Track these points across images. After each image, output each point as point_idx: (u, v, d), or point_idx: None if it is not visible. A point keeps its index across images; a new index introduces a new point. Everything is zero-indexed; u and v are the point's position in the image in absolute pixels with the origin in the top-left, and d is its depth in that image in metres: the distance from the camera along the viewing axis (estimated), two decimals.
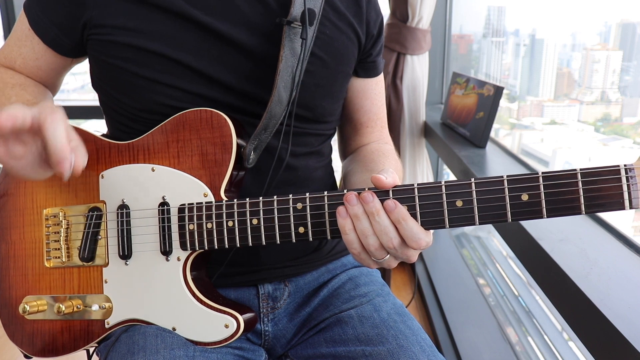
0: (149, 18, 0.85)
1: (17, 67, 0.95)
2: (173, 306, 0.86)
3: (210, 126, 0.85)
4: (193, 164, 0.85)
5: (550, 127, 2.30)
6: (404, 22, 2.26)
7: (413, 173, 2.43)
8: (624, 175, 0.63)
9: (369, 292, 0.99)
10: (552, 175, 0.66)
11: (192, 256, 0.85)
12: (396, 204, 0.70)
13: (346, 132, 1.10)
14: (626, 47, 1.86)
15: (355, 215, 0.71)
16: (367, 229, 0.71)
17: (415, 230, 0.70)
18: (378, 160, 0.98)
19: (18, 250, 0.96)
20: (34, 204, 0.95)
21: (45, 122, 0.67)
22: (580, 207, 0.65)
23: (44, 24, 0.89)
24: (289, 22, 0.84)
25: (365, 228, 0.71)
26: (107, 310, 0.90)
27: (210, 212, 0.82)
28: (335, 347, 0.90)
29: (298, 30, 0.85)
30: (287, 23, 0.84)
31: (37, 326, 0.95)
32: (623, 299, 0.82)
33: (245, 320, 0.85)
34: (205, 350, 0.85)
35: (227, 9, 0.86)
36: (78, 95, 3.68)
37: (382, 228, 0.70)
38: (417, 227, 0.70)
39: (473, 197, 0.69)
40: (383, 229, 0.70)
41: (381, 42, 1.03)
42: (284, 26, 0.85)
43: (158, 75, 0.85)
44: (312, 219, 0.76)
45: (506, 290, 2.07)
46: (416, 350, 0.85)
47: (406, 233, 0.70)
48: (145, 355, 0.80)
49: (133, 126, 0.91)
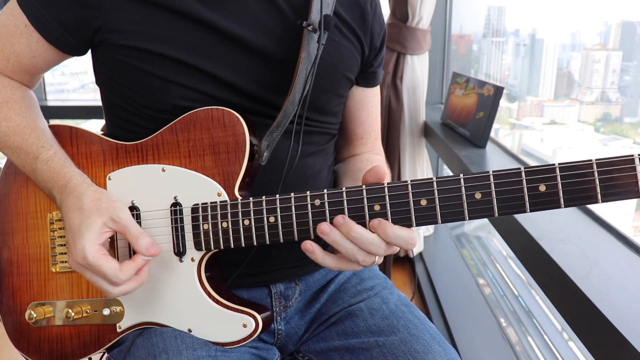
0: (166, 23, 0.85)
1: (10, 65, 0.93)
2: (188, 307, 0.85)
3: (222, 125, 0.85)
4: (205, 163, 0.85)
5: (550, 127, 2.30)
6: (404, 22, 2.26)
7: (413, 173, 2.43)
8: (638, 165, 0.65)
9: (375, 285, 1.01)
10: (569, 166, 0.67)
11: (206, 256, 0.85)
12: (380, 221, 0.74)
13: (339, 141, 1.12)
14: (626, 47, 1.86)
15: (334, 241, 0.75)
16: (352, 248, 0.75)
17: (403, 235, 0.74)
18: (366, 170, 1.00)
19: (21, 256, 0.95)
20: (37, 207, 0.94)
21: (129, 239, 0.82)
22: (597, 196, 0.66)
23: (47, 22, 0.87)
24: (309, 26, 0.86)
25: (349, 248, 0.75)
26: (119, 314, 0.89)
27: (226, 211, 0.82)
28: (348, 340, 0.92)
29: (313, 35, 0.87)
30: (308, 26, 0.86)
31: (44, 333, 0.93)
32: (623, 299, 0.82)
33: (264, 319, 0.85)
34: (225, 350, 0.85)
35: (243, 14, 0.87)
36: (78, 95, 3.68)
37: (364, 240, 0.74)
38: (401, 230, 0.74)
39: (492, 189, 0.70)
40: (365, 240, 0.74)
41: (383, 53, 1.06)
42: (305, 29, 0.86)
43: (173, 76, 0.86)
44: (331, 215, 0.76)
45: (506, 290, 2.07)
46: (427, 338, 0.88)
47: (398, 242, 0.74)
48: (169, 358, 0.80)
49: (140, 123, 0.91)
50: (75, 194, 0.82)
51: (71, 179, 0.85)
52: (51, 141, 0.90)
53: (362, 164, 1.05)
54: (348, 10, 0.96)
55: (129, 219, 0.82)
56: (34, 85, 1.01)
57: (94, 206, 0.81)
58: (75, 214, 0.80)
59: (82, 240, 0.78)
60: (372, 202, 0.75)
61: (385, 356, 0.86)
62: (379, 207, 0.74)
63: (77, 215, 0.80)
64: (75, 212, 0.81)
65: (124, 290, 0.80)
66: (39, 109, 0.97)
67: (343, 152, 1.13)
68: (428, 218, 0.73)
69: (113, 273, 0.78)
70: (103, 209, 0.81)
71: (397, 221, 0.74)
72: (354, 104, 1.07)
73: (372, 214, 0.75)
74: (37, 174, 0.87)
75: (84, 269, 0.79)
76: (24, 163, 0.89)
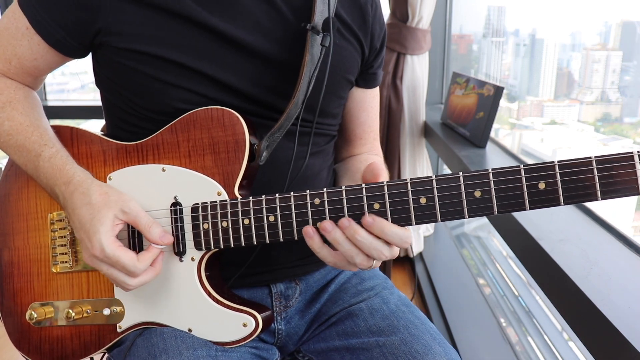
0: (166, 25, 0.85)
1: (12, 68, 0.93)
2: (188, 307, 0.86)
3: (221, 124, 0.85)
4: (205, 163, 0.85)
5: (550, 127, 2.30)
6: (404, 22, 2.26)
7: (413, 173, 2.43)
8: (637, 162, 0.65)
9: (375, 285, 1.01)
10: (568, 163, 0.67)
11: (206, 256, 0.85)
12: (374, 218, 0.73)
13: (338, 142, 1.12)
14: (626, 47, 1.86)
15: (335, 240, 0.75)
16: (352, 249, 0.75)
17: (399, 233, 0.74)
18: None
19: (22, 257, 0.95)
20: (38, 208, 0.94)
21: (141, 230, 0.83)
22: (596, 193, 0.66)
23: (48, 25, 0.87)
24: (313, 28, 0.86)
25: (349, 249, 0.75)
26: (119, 314, 0.89)
27: (226, 210, 0.82)
28: (348, 340, 0.92)
29: (317, 37, 0.87)
30: (312, 29, 0.86)
31: (45, 333, 0.93)
32: (623, 299, 0.82)
33: (264, 319, 0.85)
34: (225, 350, 0.85)
35: (243, 16, 0.87)
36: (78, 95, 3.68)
37: (367, 244, 0.74)
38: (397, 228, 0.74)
39: (491, 187, 0.70)
40: (369, 244, 0.74)
41: (383, 54, 1.06)
42: (309, 32, 0.86)
43: (173, 79, 0.86)
44: (331, 214, 0.76)
45: (506, 290, 2.07)
46: (427, 338, 0.88)
47: (394, 240, 0.74)
48: (169, 357, 0.80)
49: (141, 125, 0.91)
50: (80, 190, 0.82)
51: (74, 175, 0.85)
52: (53, 140, 0.90)
53: (361, 164, 1.05)
54: (348, 11, 0.96)
55: (139, 210, 0.82)
56: (37, 87, 1.01)
57: (103, 200, 0.81)
58: (85, 209, 0.81)
59: (97, 234, 0.78)
60: (371, 201, 0.75)
61: (385, 356, 0.86)
62: (379, 206, 0.74)
63: (87, 210, 0.80)
64: (85, 208, 0.81)
65: (141, 282, 0.81)
66: (42, 109, 0.97)
67: (342, 152, 1.13)
68: (428, 216, 0.73)
69: (132, 263, 0.78)
70: (112, 202, 0.81)
71: (397, 220, 0.74)
72: (353, 105, 1.08)
73: (372, 212, 0.75)
74: (40, 172, 0.88)
75: (101, 263, 0.80)
76: (26, 161, 0.89)
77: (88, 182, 0.84)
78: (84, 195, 0.82)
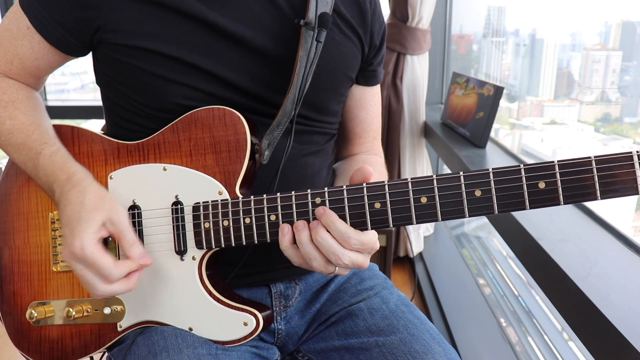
0: (165, 21, 0.85)
1: (14, 68, 0.93)
2: (189, 306, 0.86)
3: (223, 124, 0.85)
4: (206, 162, 0.85)
5: (550, 127, 2.30)
6: (404, 22, 2.26)
7: (413, 173, 2.43)
8: (636, 162, 0.65)
9: (375, 285, 1.01)
10: (568, 163, 0.68)
11: (207, 255, 0.85)
12: (325, 210, 0.75)
13: (338, 140, 1.12)
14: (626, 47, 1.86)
15: (299, 241, 0.76)
16: (311, 252, 0.76)
17: (344, 230, 0.74)
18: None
19: (22, 256, 0.95)
20: (39, 207, 0.94)
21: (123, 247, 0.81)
22: (595, 192, 0.67)
23: (48, 23, 0.88)
24: (307, 24, 0.86)
25: (308, 252, 0.76)
26: (119, 313, 0.89)
27: (227, 209, 0.82)
28: (348, 339, 0.92)
29: (311, 33, 0.87)
30: (305, 25, 0.86)
31: (45, 332, 0.93)
32: (623, 299, 0.82)
33: (264, 318, 0.85)
34: (225, 348, 0.85)
35: (241, 12, 0.88)
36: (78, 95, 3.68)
37: (327, 247, 0.75)
38: (343, 225, 0.75)
39: (491, 187, 0.70)
40: (329, 247, 0.75)
41: (383, 51, 1.05)
42: (302, 28, 0.87)
43: (173, 75, 0.86)
44: None
45: (506, 290, 2.07)
46: (427, 338, 0.88)
47: (339, 237, 0.74)
48: (169, 356, 0.80)
49: (141, 123, 0.91)
50: (78, 188, 0.82)
51: (75, 173, 0.85)
52: (54, 139, 0.90)
53: (357, 164, 1.05)
54: (348, 8, 0.96)
55: (127, 226, 0.81)
56: (39, 88, 1.01)
57: (96, 203, 0.81)
58: (76, 206, 0.80)
59: (81, 232, 0.78)
60: (372, 200, 0.75)
61: (385, 356, 0.86)
62: (380, 205, 0.74)
63: (78, 208, 0.80)
64: (76, 205, 0.80)
65: (111, 291, 0.79)
66: (44, 109, 0.97)
67: (341, 151, 1.13)
68: (428, 216, 0.73)
69: (108, 267, 0.77)
70: (105, 208, 0.81)
71: (398, 219, 0.74)
72: (353, 103, 1.07)
73: (373, 211, 0.75)
74: (39, 169, 0.87)
75: (77, 262, 0.78)
76: (26, 160, 0.89)
77: (87, 181, 0.84)
78: (79, 193, 0.82)
